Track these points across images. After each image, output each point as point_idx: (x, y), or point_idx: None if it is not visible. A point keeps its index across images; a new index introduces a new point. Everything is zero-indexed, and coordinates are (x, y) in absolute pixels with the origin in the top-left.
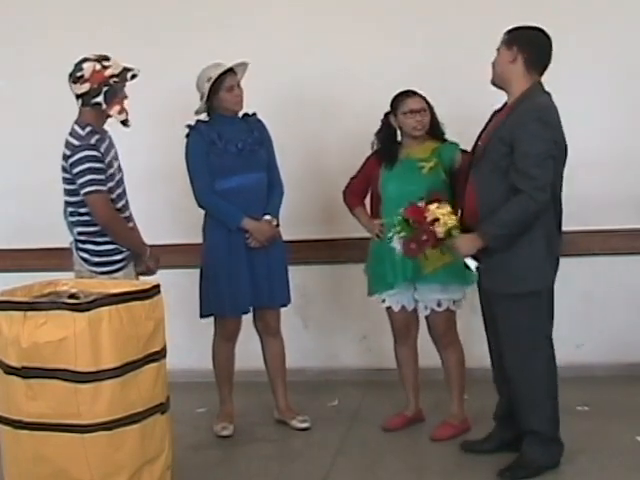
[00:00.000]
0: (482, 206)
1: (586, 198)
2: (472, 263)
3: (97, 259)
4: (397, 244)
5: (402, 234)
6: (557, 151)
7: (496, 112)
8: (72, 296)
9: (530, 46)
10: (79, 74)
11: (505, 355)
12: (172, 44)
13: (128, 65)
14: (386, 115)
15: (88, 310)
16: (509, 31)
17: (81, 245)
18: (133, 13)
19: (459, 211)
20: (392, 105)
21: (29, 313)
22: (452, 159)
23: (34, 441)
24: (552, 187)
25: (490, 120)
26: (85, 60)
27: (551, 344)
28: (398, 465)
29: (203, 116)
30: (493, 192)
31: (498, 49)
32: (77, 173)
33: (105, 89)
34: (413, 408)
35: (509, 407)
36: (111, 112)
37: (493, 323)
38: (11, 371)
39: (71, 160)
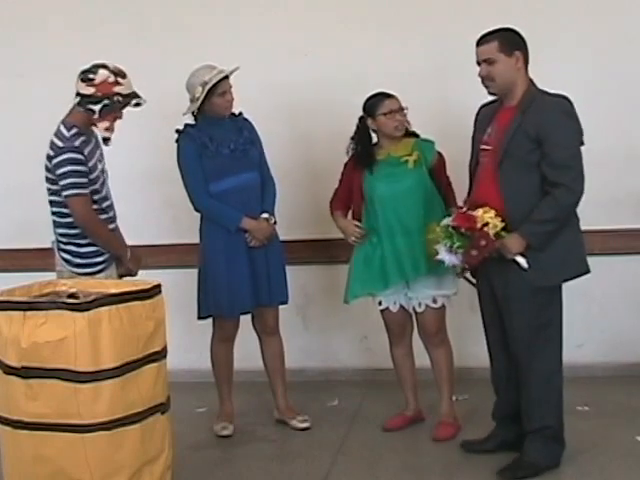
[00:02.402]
0: (510, 205)
1: (586, 198)
2: (522, 261)
3: (79, 260)
4: (446, 256)
5: (457, 244)
6: (582, 140)
7: (478, 115)
8: (72, 296)
9: (523, 46)
10: (90, 76)
11: (520, 350)
12: (172, 45)
13: (139, 92)
14: (361, 118)
15: (88, 310)
16: (494, 36)
17: (63, 246)
18: (133, 14)
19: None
20: (368, 108)
21: (29, 313)
22: (432, 155)
23: (34, 441)
24: None
25: (477, 125)
26: (104, 67)
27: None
28: (398, 465)
29: (188, 117)
30: (520, 189)
31: (487, 60)
32: (60, 175)
33: (105, 102)
34: (413, 408)
35: (509, 407)
36: (99, 125)
37: (500, 318)
38: (11, 371)
39: (54, 161)
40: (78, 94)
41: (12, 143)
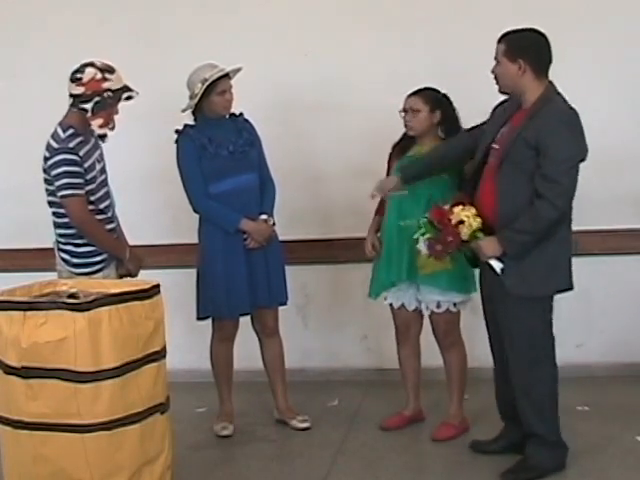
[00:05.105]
0: (503, 207)
1: (585, 198)
2: (497, 265)
3: (76, 260)
4: (423, 246)
5: (427, 236)
6: (582, 157)
7: (496, 108)
8: (72, 296)
9: (533, 53)
10: (78, 75)
11: (510, 355)
12: (172, 45)
13: (130, 85)
14: None
15: (88, 310)
16: (505, 39)
17: (62, 246)
18: (133, 14)
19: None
20: None
21: (29, 313)
22: None
23: (34, 441)
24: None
25: (491, 121)
26: (90, 65)
27: (554, 346)
28: (398, 465)
29: (188, 114)
30: (516, 194)
31: (497, 58)
32: (55, 176)
33: (96, 99)
34: (412, 407)
35: (513, 409)
36: (92, 122)
37: (498, 326)
38: (11, 371)
39: (49, 162)
40: (70, 95)
41: (12, 143)
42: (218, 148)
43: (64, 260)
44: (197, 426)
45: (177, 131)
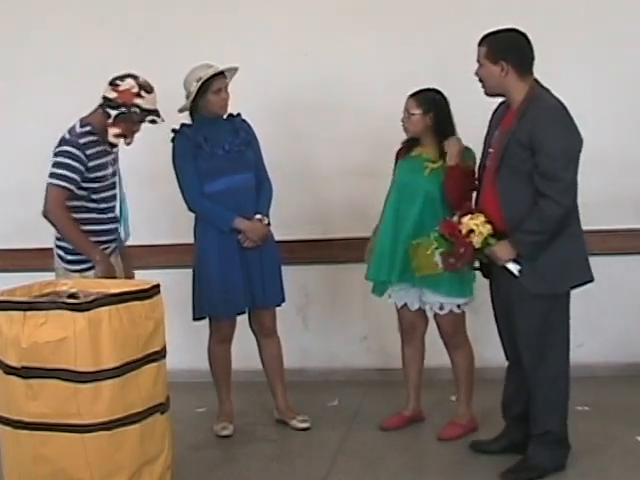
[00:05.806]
0: (508, 211)
1: (585, 198)
2: (514, 267)
3: (70, 257)
4: (438, 260)
5: (440, 250)
6: (578, 149)
7: (494, 114)
8: (72, 296)
9: (514, 53)
10: (117, 82)
11: (524, 354)
12: (172, 45)
13: (159, 111)
14: None
15: (88, 310)
16: (485, 41)
17: (58, 242)
18: (133, 14)
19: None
20: None
21: (29, 313)
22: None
23: (34, 441)
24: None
25: (490, 125)
26: (133, 77)
27: (570, 342)
28: (398, 465)
29: (185, 116)
30: (518, 196)
31: (479, 61)
32: (53, 163)
33: (122, 109)
34: (412, 408)
35: (520, 407)
36: (109, 129)
37: (513, 327)
38: (11, 371)
39: (55, 150)
40: (103, 97)
41: (12, 143)
42: (214, 147)
43: (59, 257)
44: (197, 426)
45: (173, 130)
